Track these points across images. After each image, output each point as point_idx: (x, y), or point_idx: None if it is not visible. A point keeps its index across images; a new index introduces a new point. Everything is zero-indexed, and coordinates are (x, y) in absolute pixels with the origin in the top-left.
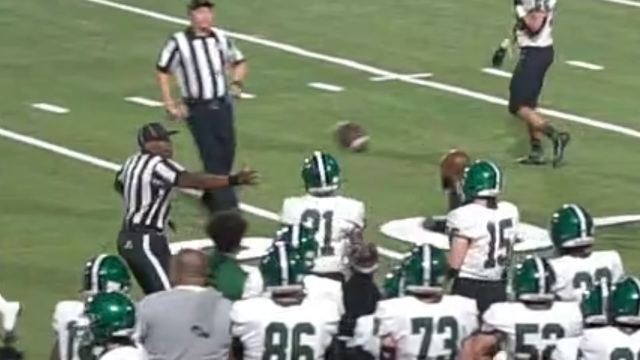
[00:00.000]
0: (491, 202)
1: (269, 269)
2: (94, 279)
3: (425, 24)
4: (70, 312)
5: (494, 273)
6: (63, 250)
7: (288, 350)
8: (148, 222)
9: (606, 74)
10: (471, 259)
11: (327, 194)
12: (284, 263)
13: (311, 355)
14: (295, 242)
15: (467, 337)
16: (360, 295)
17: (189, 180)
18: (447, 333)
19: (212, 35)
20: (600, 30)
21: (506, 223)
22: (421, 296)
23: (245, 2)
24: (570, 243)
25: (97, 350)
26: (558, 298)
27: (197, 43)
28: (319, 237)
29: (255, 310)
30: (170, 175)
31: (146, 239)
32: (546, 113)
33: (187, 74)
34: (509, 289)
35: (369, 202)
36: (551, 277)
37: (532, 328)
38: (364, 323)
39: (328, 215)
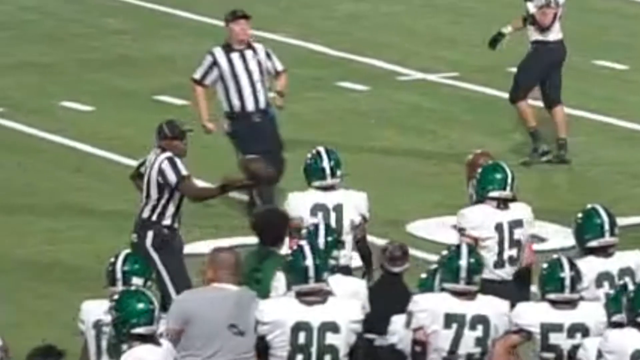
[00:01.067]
0: (502, 203)
1: (295, 268)
2: (118, 275)
3: (452, 23)
4: (95, 311)
5: (504, 273)
6: (87, 248)
7: (314, 349)
8: (155, 217)
9: (632, 74)
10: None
11: (331, 188)
12: (310, 262)
13: (336, 354)
14: (321, 240)
15: (498, 338)
16: (390, 294)
17: (188, 187)
18: (479, 331)
19: (250, 47)
20: (626, 29)
21: (516, 224)
22: (456, 294)
23: (273, 2)
24: (593, 243)
25: (125, 347)
26: (581, 298)
27: (235, 56)
28: None
29: (280, 310)
30: (172, 177)
31: (150, 234)
32: (572, 113)
33: (227, 88)
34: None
35: (395, 201)
36: (577, 277)
37: (557, 327)
38: (397, 322)
39: (338, 208)
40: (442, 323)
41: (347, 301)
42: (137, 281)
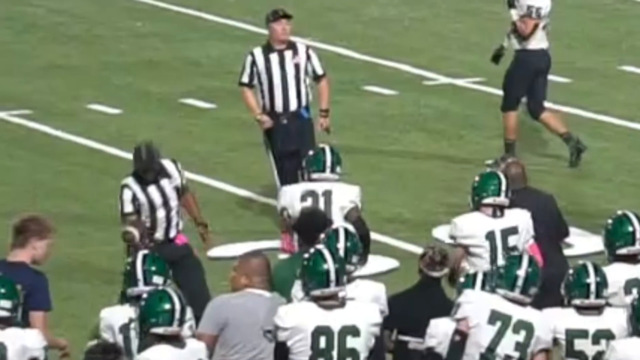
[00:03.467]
0: (497, 210)
1: (315, 272)
2: (139, 275)
3: (479, 28)
4: (117, 316)
5: None
6: (114, 251)
7: (334, 353)
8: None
9: None
10: (474, 266)
11: (327, 181)
12: (330, 265)
13: (357, 357)
14: (341, 245)
15: (537, 351)
16: (428, 298)
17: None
18: (521, 336)
19: (291, 47)
20: None
21: (510, 231)
22: (508, 299)
23: (299, 5)
24: (623, 251)
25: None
26: (608, 304)
27: (274, 56)
28: None
29: (300, 315)
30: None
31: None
32: (598, 118)
33: (261, 87)
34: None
35: (421, 206)
36: (603, 283)
37: (583, 334)
38: (437, 325)
39: (327, 194)
40: (487, 318)
41: (365, 304)
42: (157, 280)
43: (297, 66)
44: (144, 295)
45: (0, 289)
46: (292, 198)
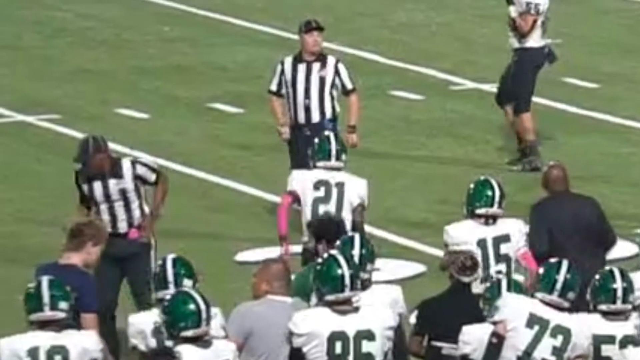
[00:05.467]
0: (489, 219)
1: (329, 277)
2: (170, 278)
3: (505, 33)
4: (147, 320)
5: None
6: None
7: (350, 357)
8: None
9: None
10: None
11: (335, 169)
12: (345, 270)
13: None
14: (356, 252)
15: (574, 358)
16: (460, 304)
17: None
18: (558, 341)
19: (320, 59)
20: None
21: (502, 239)
22: (546, 303)
23: (327, 10)
24: None
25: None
26: (634, 309)
27: (302, 67)
28: (332, 206)
29: (315, 320)
30: None
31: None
32: (625, 124)
33: (288, 97)
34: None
35: (448, 210)
36: (629, 288)
37: (609, 339)
38: (471, 332)
39: (340, 186)
40: (525, 321)
41: (379, 308)
42: (187, 283)
43: (322, 79)
44: (167, 299)
45: (57, 291)
46: (305, 186)
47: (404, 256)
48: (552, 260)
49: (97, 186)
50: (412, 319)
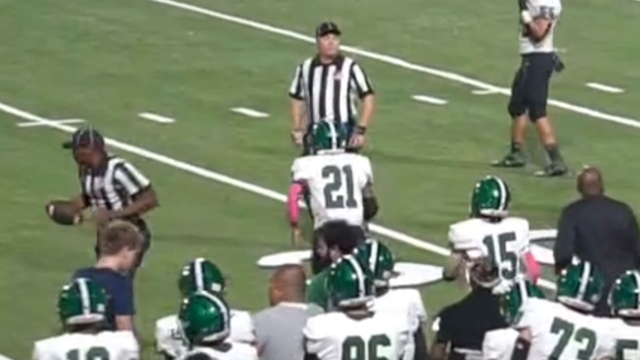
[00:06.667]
0: (495, 219)
1: (344, 282)
2: (199, 282)
3: None
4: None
5: (499, 287)
6: (163, 259)
7: None
8: None
9: None
10: None
11: (338, 154)
12: (360, 275)
13: None
14: (372, 260)
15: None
16: (481, 309)
17: None
18: (584, 344)
19: (337, 62)
20: None
21: (507, 237)
22: (569, 307)
23: (349, 15)
24: None
25: None
26: None
27: (318, 70)
28: (343, 191)
29: (330, 326)
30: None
31: None
32: None
33: (306, 100)
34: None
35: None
36: None
37: (632, 344)
38: (496, 337)
39: (347, 169)
40: (550, 326)
41: (394, 313)
42: (216, 287)
43: (337, 82)
44: (185, 305)
45: (95, 294)
46: (313, 172)
47: (426, 260)
48: (575, 262)
49: (87, 180)
50: (435, 326)
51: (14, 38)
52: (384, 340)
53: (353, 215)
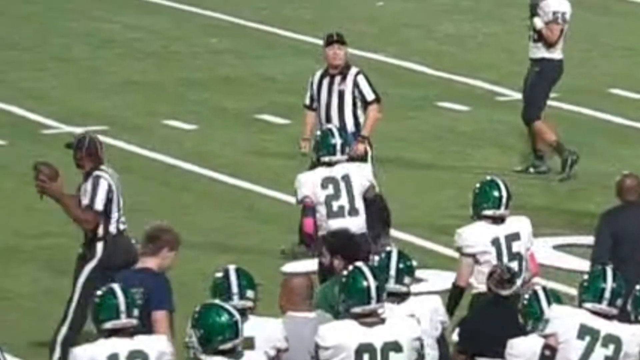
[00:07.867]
0: (497, 219)
1: (355, 290)
2: (235, 290)
3: None
4: None
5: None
6: (190, 268)
7: None
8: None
9: None
10: (482, 274)
11: (337, 163)
12: (371, 282)
13: None
14: (393, 266)
15: None
16: (500, 317)
17: None
18: (610, 350)
19: (343, 72)
20: None
21: (513, 237)
22: (595, 313)
23: (373, 21)
24: None
25: None
26: None
27: (326, 80)
28: (344, 201)
29: (342, 333)
30: None
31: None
32: None
33: (316, 111)
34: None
35: None
36: None
37: None
38: (520, 344)
39: (346, 178)
40: (576, 333)
41: (405, 319)
42: (250, 294)
43: (341, 93)
44: (196, 313)
45: (131, 299)
46: (313, 185)
47: (450, 267)
48: (596, 268)
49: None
50: (454, 337)
51: (39, 45)
52: (396, 347)
53: (355, 224)
